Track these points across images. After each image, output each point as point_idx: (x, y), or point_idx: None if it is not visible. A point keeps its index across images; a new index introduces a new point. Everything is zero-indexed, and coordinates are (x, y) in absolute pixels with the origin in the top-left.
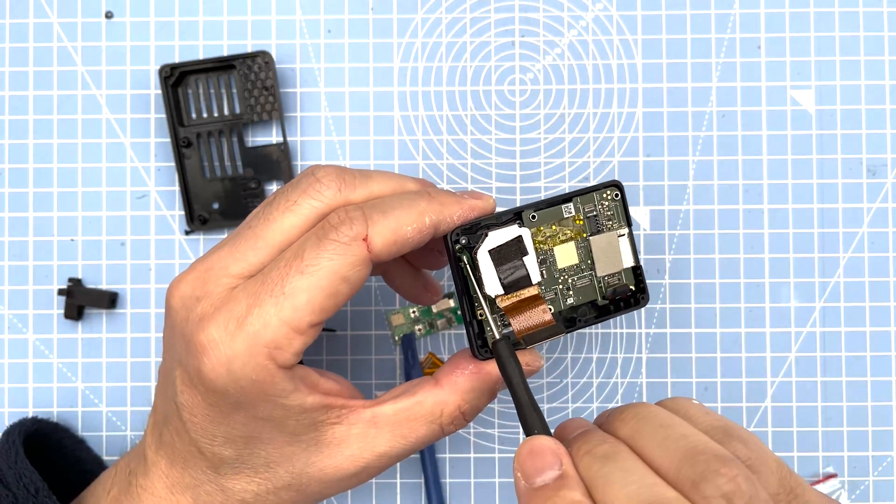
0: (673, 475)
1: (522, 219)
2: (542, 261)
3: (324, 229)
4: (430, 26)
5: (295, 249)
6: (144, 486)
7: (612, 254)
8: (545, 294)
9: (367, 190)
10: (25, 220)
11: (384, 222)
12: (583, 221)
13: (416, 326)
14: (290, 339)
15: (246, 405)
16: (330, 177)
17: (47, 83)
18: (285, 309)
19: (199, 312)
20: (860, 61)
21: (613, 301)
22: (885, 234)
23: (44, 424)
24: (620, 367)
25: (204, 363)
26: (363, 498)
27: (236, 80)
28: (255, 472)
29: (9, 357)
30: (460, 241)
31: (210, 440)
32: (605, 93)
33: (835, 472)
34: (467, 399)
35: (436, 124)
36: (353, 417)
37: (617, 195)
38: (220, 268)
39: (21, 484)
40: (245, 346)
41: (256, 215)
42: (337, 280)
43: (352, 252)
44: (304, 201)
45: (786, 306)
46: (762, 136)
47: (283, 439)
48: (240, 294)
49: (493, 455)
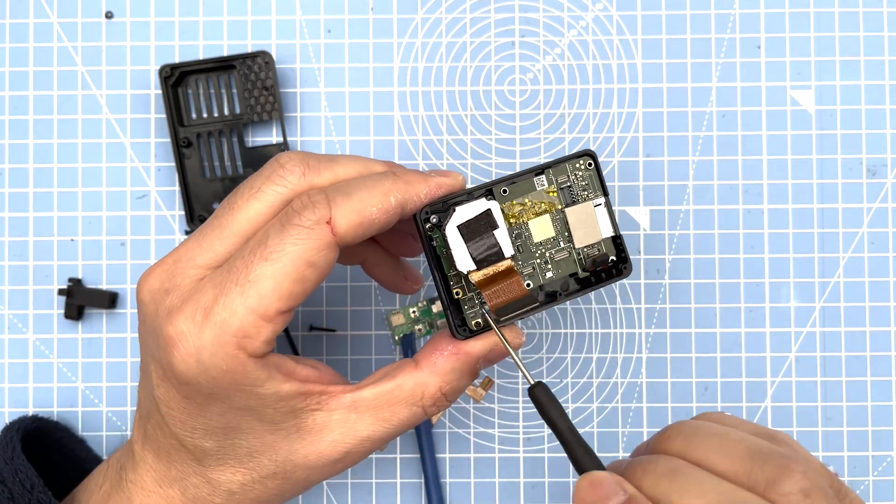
0: (743, 478)
1: (494, 194)
2: (516, 235)
3: (287, 215)
4: (430, 26)
5: (259, 237)
6: (134, 480)
7: (589, 224)
8: (521, 269)
9: (333, 174)
10: (26, 220)
11: (348, 204)
12: (556, 193)
13: (416, 326)
14: (259, 328)
15: (220, 396)
16: (293, 162)
17: (47, 83)
18: (251, 297)
19: (168, 305)
20: (860, 61)
21: (594, 272)
22: (885, 234)
23: (44, 423)
24: (620, 367)
25: (174, 356)
26: (363, 498)
27: (236, 80)
28: (239, 463)
29: (9, 357)
30: (430, 220)
31: (190, 432)
32: (605, 93)
33: (835, 472)
34: (448, 380)
35: (436, 124)
36: (332, 403)
37: (590, 164)
38: (188, 259)
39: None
40: (213, 336)
41: (222, 205)
42: (303, 265)
43: (316, 236)
44: (267, 188)
45: (786, 306)
46: (762, 136)
47: (263, 428)
48: (206, 284)
49: (492, 455)
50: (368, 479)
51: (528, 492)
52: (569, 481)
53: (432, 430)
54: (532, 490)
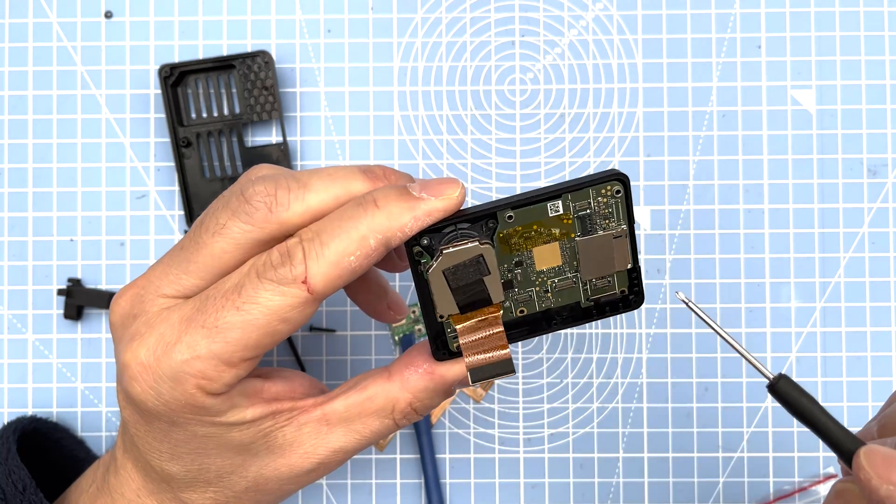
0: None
1: (497, 219)
2: (516, 262)
3: (264, 266)
4: (430, 26)
5: (235, 282)
6: (115, 486)
7: (603, 257)
8: (518, 295)
9: (304, 205)
10: (25, 220)
11: (323, 258)
12: (571, 221)
13: (416, 326)
14: (221, 373)
15: (182, 423)
16: (259, 196)
17: (47, 83)
18: (217, 343)
19: (132, 331)
20: (861, 61)
21: (598, 305)
22: (886, 234)
23: (42, 424)
24: (620, 367)
25: (132, 386)
26: (363, 498)
27: (236, 80)
28: (209, 484)
29: (8, 357)
30: (420, 244)
31: (157, 455)
32: (605, 93)
33: (835, 473)
34: (419, 398)
35: (436, 124)
36: (302, 418)
37: (619, 192)
38: (155, 288)
39: (10, 481)
40: (171, 373)
41: (188, 235)
42: (275, 320)
43: (291, 294)
44: (233, 225)
45: (786, 306)
46: (762, 135)
47: (230, 451)
48: (174, 316)
49: (492, 455)
50: (368, 480)
51: (529, 492)
52: (569, 482)
53: (432, 430)
54: (532, 490)
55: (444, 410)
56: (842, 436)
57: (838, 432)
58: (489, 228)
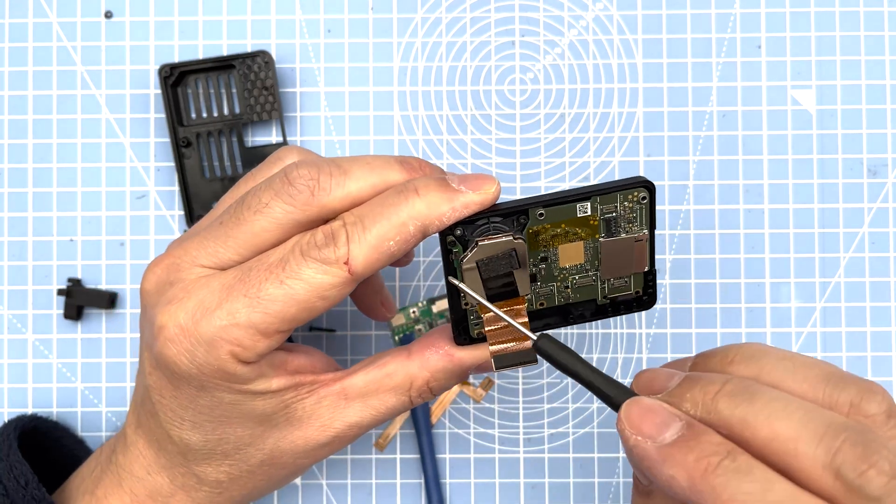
0: (823, 401)
1: (528, 215)
2: (542, 258)
3: (308, 245)
4: (430, 26)
5: (280, 257)
6: (123, 464)
7: (623, 258)
8: (539, 288)
9: (344, 191)
10: (25, 220)
11: (365, 240)
12: (598, 222)
13: (416, 326)
14: (256, 342)
15: (210, 388)
16: (303, 179)
17: (46, 83)
18: (257, 313)
19: (169, 296)
20: (861, 61)
21: (614, 304)
22: (886, 234)
23: (42, 422)
24: (621, 367)
25: (168, 347)
26: (363, 498)
27: (236, 80)
28: (226, 457)
29: (8, 357)
30: (454, 233)
31: (179, 423)
32: (605, 93)
33: None
34: (436, 377)
35: (436, 124)
36: (322, 391)
37: (644, 198)
38: (192, 258)
39: (12, 476)
40: (209, 337)
41: (228, 211)
42: (315, 297)
43: (333, 273)
44: (275, 205)
45: (786, 306)
46: (762, 135)
47: (252, 420)
48: (213, 283)
49: (492, 455)
50: (368, 480)
51: (529, 492)
52: (569, 482)
53: (432, 430)
54: (532, 491)
55: (445, 410)
56: (609, 388)
57: (604, 384)
58: (520, 224)
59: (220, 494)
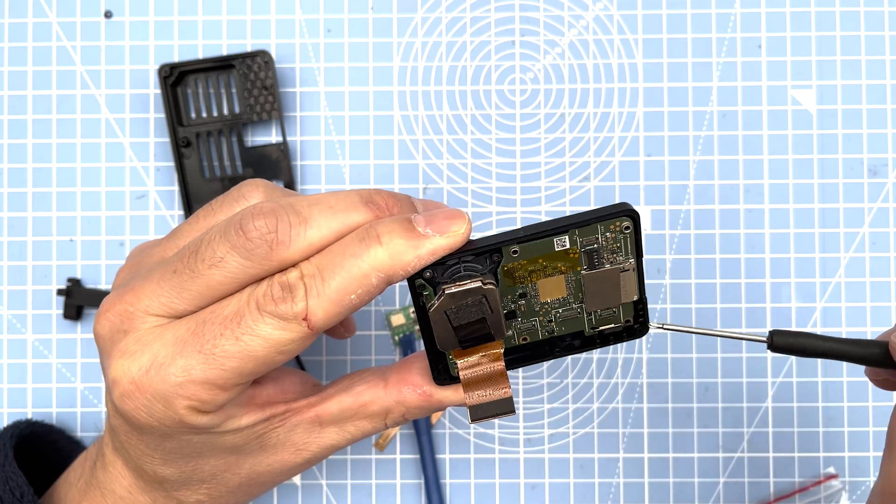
0: None
1: (502, 253)
2: (520, 294)
3: (265, 299)
4: (430, 26)
5: (234, 310)
6: (104, 483)
7: (609, 290)
8: (521, 324)
9: (305, 242)
10: (24, 220)
11: (325, 294)
12: (578, 255)
13: (415, 327)
14: (214, 395)
15: (175, 435)
16: (260, 231)
17: (46, 83)
18: (213, 369)
19: (122, 348)
20: (861, 61)
21: (602, 335)
22: (886, 234)
23: (38, 427)
24: (621, 367)
25: (124, 402)
26: (363, 498)
27: (236, 80)
28: (202, 483)
29: (8, 357)
30: (423, 276)
31: (149, 460)
32: (605, 92)
33: (836, 473)
34: (412, 413)
35: (436, 124)
36: (295, 419)
37: (628, 227)
38: (145, 307)
39: (8, 488)
40: (164, 393)
41: (182, 258)
42: (273, 352)
43: (291, 328)
44: (231, 259)
45: (786, 306)
46: (763, 135)
47: (224, 451)
48: (167, 335)
49: (492, 455)
50: (368, 480)
51: (529, 493)
52: (569, 482)
53: (432, 430)
54: (532, 491)
55: (445, 410)
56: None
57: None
58: (493, 262)
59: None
